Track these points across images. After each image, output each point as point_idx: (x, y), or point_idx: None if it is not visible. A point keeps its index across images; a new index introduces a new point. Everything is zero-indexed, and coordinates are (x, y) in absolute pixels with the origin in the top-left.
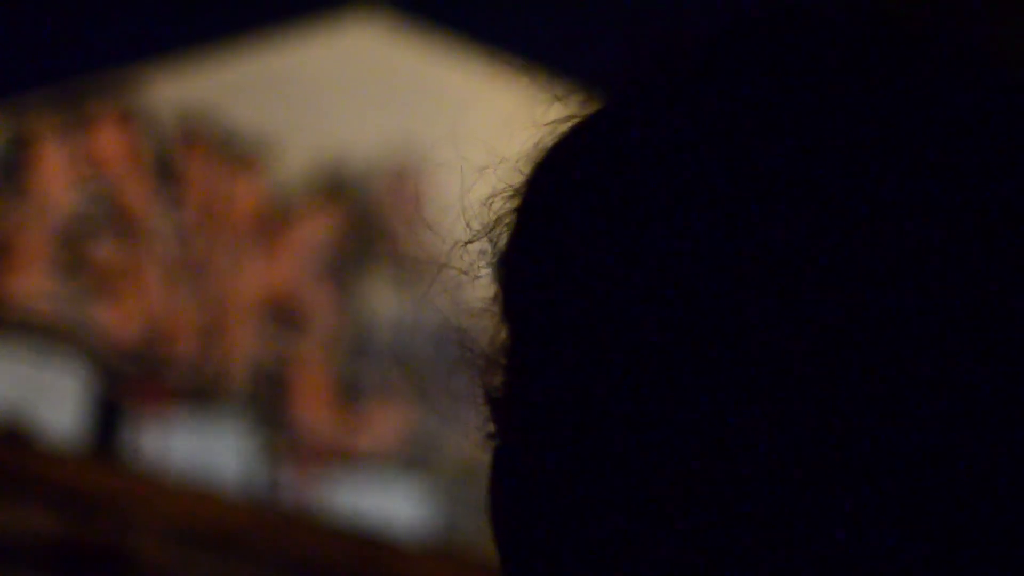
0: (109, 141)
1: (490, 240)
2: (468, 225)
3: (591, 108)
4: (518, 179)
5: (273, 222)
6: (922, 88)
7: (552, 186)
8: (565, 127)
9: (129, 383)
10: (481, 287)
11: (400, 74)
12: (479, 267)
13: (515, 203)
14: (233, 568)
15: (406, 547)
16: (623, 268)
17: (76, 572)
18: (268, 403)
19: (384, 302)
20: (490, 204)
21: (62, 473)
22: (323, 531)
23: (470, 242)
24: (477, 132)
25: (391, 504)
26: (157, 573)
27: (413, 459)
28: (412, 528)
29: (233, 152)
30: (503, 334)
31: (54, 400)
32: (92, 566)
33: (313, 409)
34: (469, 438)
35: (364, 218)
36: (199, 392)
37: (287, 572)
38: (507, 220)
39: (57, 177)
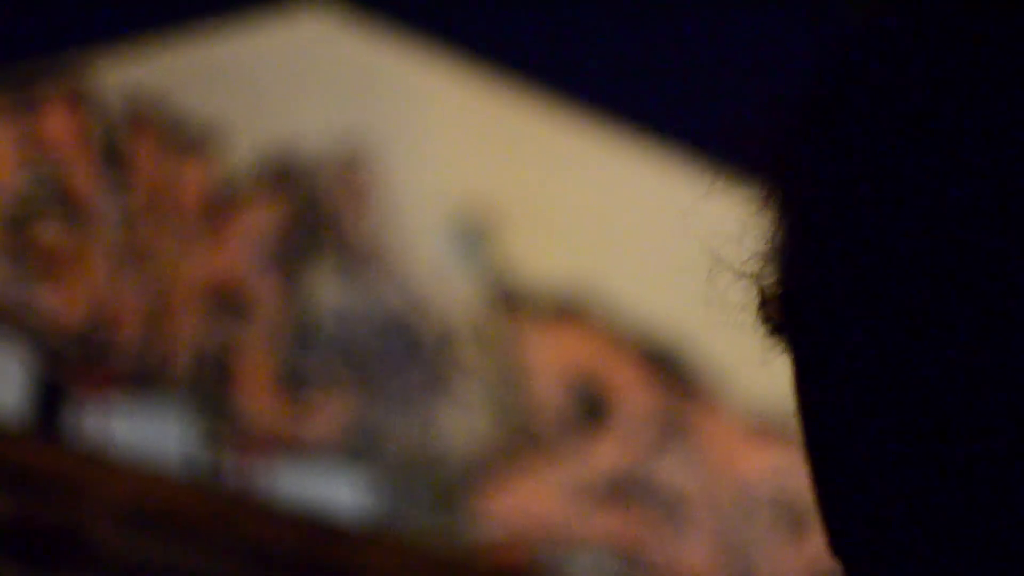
0: (56, 124)
1: (765, 144)
2: (739, 135)
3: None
4: (792, 92)
5: (219, 210)
6: None
7: (848, 84)
8: (841, 46)
9: (72, 366)
10: (749, 192)
11: (351, 65)
12: (748, 173)
13: (798, 107)
14: (180, 549)
15: (350, 532)
16: (923, 159)
17: (22, 551)
18: (211, 390)
19: (329, 292)
20: (764, 111)
21: (7, 453)
22: (268, 515)
23: (739, 154)
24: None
25: (334, 492)
26: (104, 553)
27: (356, 448)
28: (355, 516)
29: (181, 138)
30: (779, 232)
31: None
32: (38, 545)
33: (256, 397)
34: (412, 428)
35: (311, 208)
36: (142, 377)
37: (235, 555)
38: (787, 124)
39: (3, 159)
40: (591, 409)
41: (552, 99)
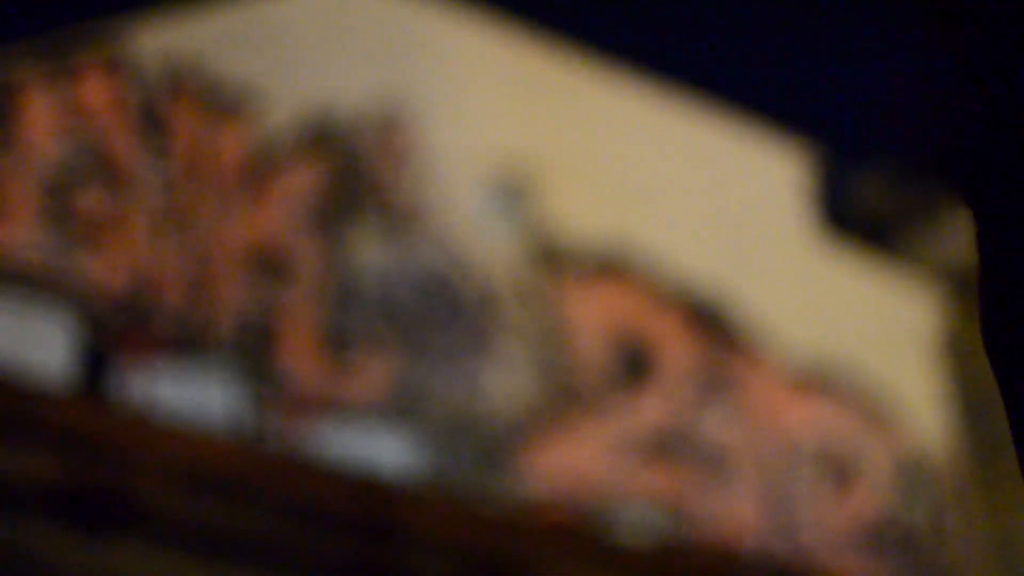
0: (96, 91)
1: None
2: None
3: None
4: None
5: (259, 172)
6: None
7: None
8: None
9: (116, 332)
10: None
11: (387, 24)
12: None
13: None
14: (226, 510)
15: (396, 491)
16: None
17: (71, 513)
18: (255, 352)
19: (370, 252)
20: None
21: (53, 417)
22: (314, 475)
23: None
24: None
25: (379, 452)
26: (151, 514)
27: (401, 408)
28: (400, 475)
29: (220, 102)
30: (966, 91)
31: (42, 348)
32: (86, 507)
33: (299, 358)
34: (456, 386)
35: (351, 169)
36: (186, 341)
37: (280, 514)
38: None
39: (44, 127)
40: (634, 365)
41: (589, 55)
